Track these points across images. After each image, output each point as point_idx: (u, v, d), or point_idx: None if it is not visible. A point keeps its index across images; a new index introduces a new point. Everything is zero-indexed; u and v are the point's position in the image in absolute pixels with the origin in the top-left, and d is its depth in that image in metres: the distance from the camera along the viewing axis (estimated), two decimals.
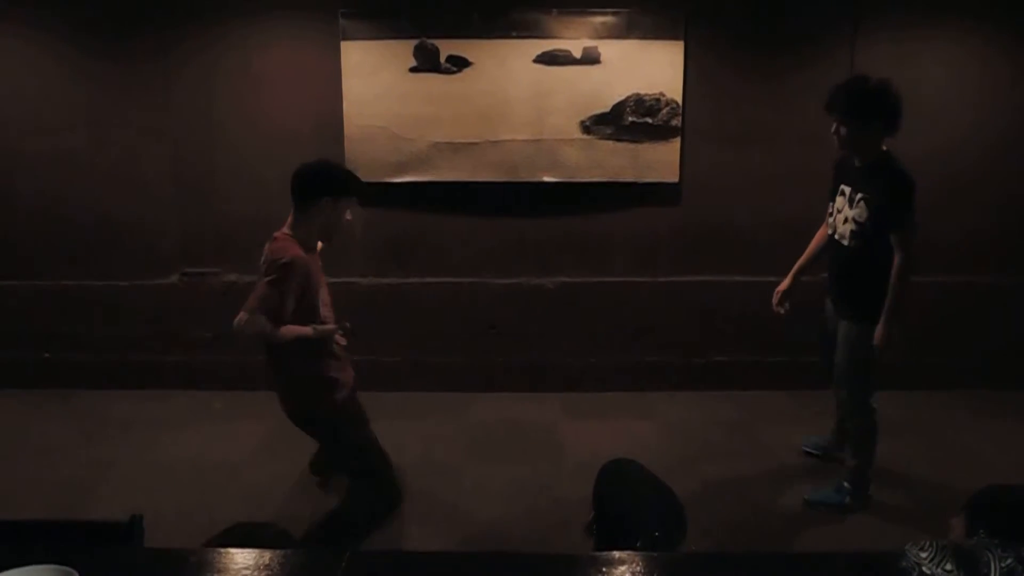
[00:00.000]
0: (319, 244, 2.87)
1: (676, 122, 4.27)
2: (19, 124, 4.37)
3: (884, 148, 3.05)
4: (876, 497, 3.35)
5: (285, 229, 2.75)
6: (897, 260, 2.94)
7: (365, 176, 4.32)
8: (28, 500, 3.30)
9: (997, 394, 4.40)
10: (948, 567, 1.36)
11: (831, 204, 3.24)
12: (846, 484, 3.30)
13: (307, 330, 2.71)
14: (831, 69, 4.25)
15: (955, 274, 4.46)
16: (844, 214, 3.11)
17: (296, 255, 2.64)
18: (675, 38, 4.18)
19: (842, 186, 3.15)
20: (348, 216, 2.79)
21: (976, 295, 4.49)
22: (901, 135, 4.18)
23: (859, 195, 3.01)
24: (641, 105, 4.25)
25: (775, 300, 3.45)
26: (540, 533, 3.11)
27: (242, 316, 2.57)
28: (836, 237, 3.16)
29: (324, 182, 2.73)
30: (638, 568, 1.44)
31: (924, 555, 1.39)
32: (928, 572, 1.37)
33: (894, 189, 2.94)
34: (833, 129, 3.01)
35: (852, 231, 3.04)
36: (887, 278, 2.97)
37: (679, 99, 4.25)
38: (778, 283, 3.56)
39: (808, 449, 3.74)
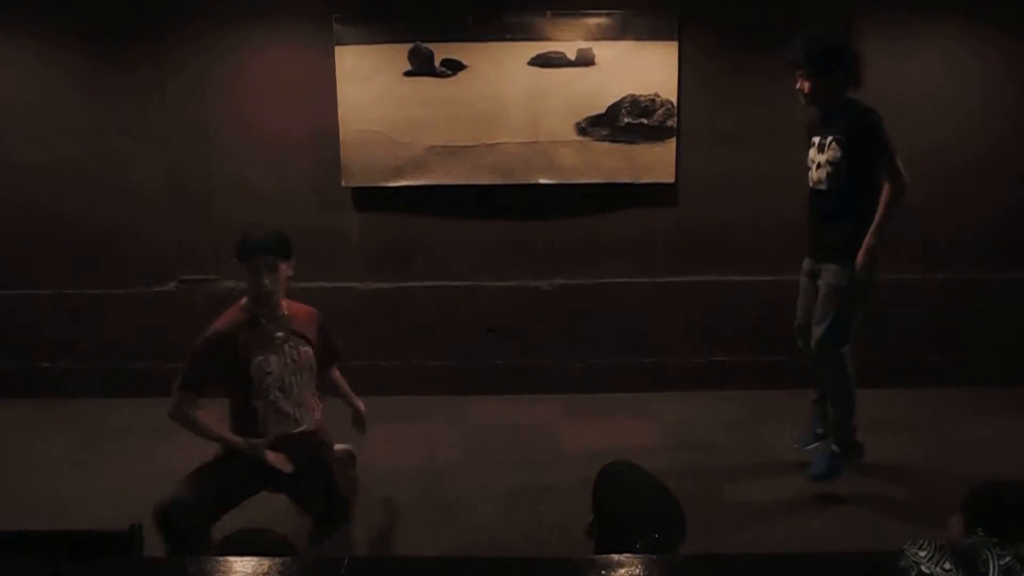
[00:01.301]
0: (280, 309, 2.83)
1: (672, 123, 4.28)
2: (15, 132, 4.37)
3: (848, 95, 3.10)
4: (875, 495, 3.35)
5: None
6: (888, 186, 2.99)
7: (362, 181, 4.36)
8: (26, 511, 3.28)
9: (997, 391, 4.39)
10: (946, 566, 1.36)
11: (807, 161, 3.28)
12: (834, 447, 3.31)
13: (238, 441, 2.74)
14: None
15: (955, 271, 4.47)
16: (817, 161, 3.17)
17: (215, 329, 2.75)
18: (669, 39, 4.19)
19: (812, 138, 3.21)
20: (265, 280, 2.71)
21: (976, 291, 4.50)
22: (899, 130, 4.19)
23: (829, 138, 3.09)
24: (636, 106, 4.26)
25: None
26: (540, 536, 3.10)
27: (170, 403, 2.74)
28: (813, 187, 3.21)
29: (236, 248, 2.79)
30: (638, 570, 1.44)
31: (923, 554, 1.39)
32: (927, 571, 1.37)
33: (865, 122, 3.02)
34: (797, 85, 3.09)
35: (828, 173, 3.10)
36: (868, 214, 3.04)
37: (674, 100, 4.25)
38: (775, 282, 3.58)
39: (805, 447, 3.72)
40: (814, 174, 3.20)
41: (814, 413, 3.61)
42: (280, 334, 2.79)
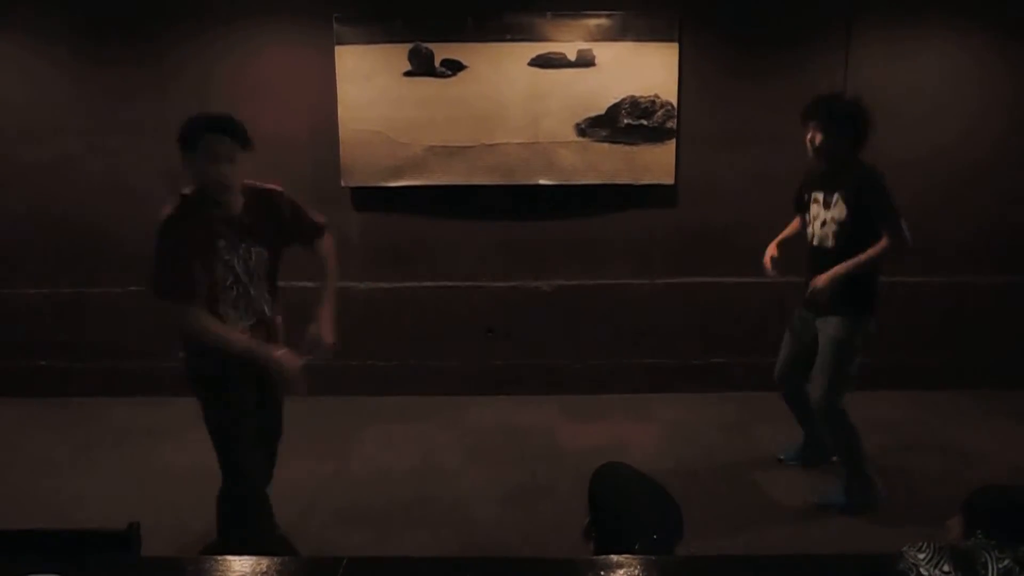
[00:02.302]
0: (235, 207, 2.50)
1: (671, 124, 4.28)
2: (14, 130, 4.37)
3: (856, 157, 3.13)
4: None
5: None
6: (883, 242, 3.00)
7: (361, 181, 4.35)
8: (24, 509, 3.28)
9: (996, 394, 4.40)
10: (945, 568, 1.36)
11: (805, 215, 3.30)
12: (849, 476, 3.30)
13: (241, 340, 2.41)
14: (825, 70, 4.27)
15: (954, 274, 4.48)
16: (822, 218, 3.18)
17: (168, 217, 2.40)
18: (670, 40, 4.19)
19: (814, 194, 3.23)
20: (225, 169, 2.41)
21: (974, 295, 4.50)
22: (896, 134, 4.20)
23: (835, 195, 3.11)
24: (636, 107, 4.26)
25: (767, 264, 3.44)
26: (539, 537, 3.10)
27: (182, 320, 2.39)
28: (817, 244, 3.20)
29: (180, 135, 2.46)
30: (637, 571, 1.44)
31: (922, 556, 1.39)
32: (926, 573, 1.37)
33: (872, 183, 3.04)
34: (808, 136, 3.12)
35: (835, 231, 3.11)
36: (873, 270, 3.07)
37: (674, 101, 4.26)
38: (774, 283, 3.58)
39: (790, 461, 3.70)
40: (817, 231, 3.20)
41: (806, 443, 3.64)
42: (223, 242, 2.43)
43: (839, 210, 3.09)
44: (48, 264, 4.50)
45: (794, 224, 3.51)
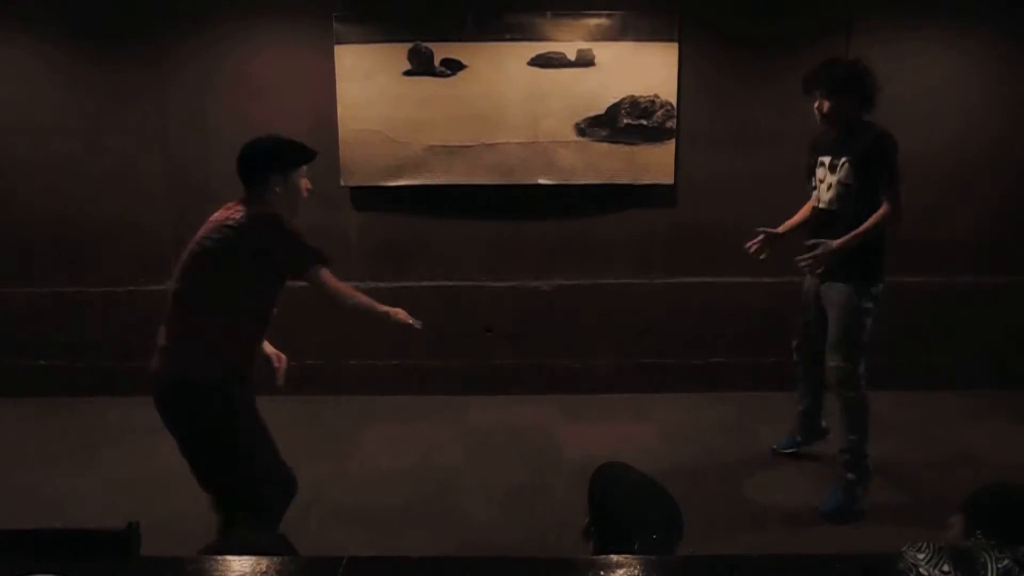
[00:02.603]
0: None
1: (671, 124, 4.28)
2: (14, 129, 4.37)
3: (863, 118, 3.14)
4: (873, 497, 3.35)
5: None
6: (884, 209, 3.03)
7: (360, 180, 4.35)
8: (23, 509, 3.28)
9: (997, 394, 4.41)
10: (945, 568, 1.36)
11: (812, 179, 3.31)
12: (849, 475, 3.22)
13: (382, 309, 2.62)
14: None
15: (955, 274, 4.48)
16: (828, 182, 3.18)
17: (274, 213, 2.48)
18: (670, 40, 4.19)
19: (820, 158, 3.23)
20: (307, 185, 2.60)
21: (974, 294, 4.50)
22: (897, 134, 4.18)
23: (842, 159, 3.12)
24: (636, 107, 4.26)
25: (757, 238, 3.38)
26: (538, 537, 3.10)
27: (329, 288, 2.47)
28: (822, 207, 3.22)
29: (270, 159, 2.52)
30: (636, 571, 1.43)
31: (921, 556, 1.39)
32: (925, 573, 1.37)
33: (880, 145, 3.05)
34: (816, 105, 3.14)
35: (839, 194, 3.13)
36: (876, 237, 3.08)
37: (674, 101, 4.26)
38: (773, 284, 3.57)
39: (783, 450, 3.71)
40: (823, 194, 3.20)
41: (800, 422, 3.65)
42: None
43: (845, 173, 3.10)
44: (46, 262, 4.50)
45: (800, 213, 3.48)
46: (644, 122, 4.28)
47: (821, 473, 3.57)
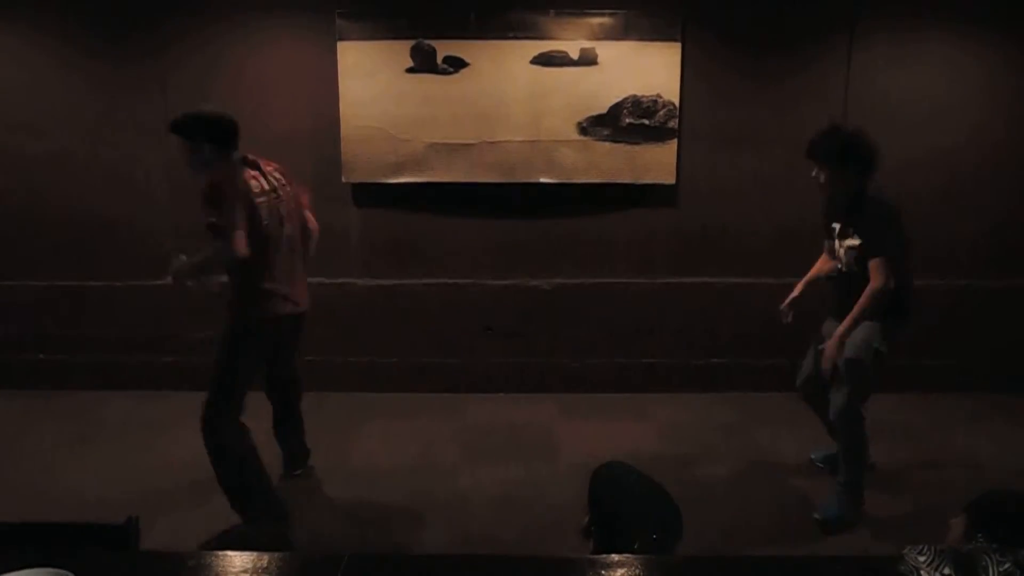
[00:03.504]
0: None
1: (673, 124, 4.27)
2: (14, 122, 4.36)
3: (867, 183, 3.14)
4: (874, 500, 3.35)
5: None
6: (872, 284, 3.02)
7: (362, 177, 4.35)
8: (22, 502, 3.28)
9: (998, 397, 4.41)
10: (946, 571, 1.36)
11: (829, 242, 3.34)
12: (843, 484, 3.26)
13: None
14: (828, 72, 4.28)
15: (956, 277, 4.48)
16: (844, 245, 3.21)
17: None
18: (672, 40, 4.18)
19: (833, 224, 3.28)
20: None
21: (976, 298, 4.50)
22: (898, 137, 4.20)
23: (849, 227, 3.16)
24: (638, 107, 4.26)
25: (785, 306, 3.45)
26: (536, 535, 3.10)
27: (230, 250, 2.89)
28: (843, 269, 3.23)
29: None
30: (636, 571, 1.43)
31: (922, 559, 1.39)
32: None
33: (871, 217, 3.08)
34: (814, 173, 3.15)
35: (854, 256, 3.15)
36: (896, 292, 3.06)
37: (676, 101, 4.25)
38: (774, 285, 3.58)
39: (820, 464, 3.67)
40: (842, 257, 3.22)
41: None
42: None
43: (853, 240, 3.14)
44: (46, 256, 4.49)
45: (815, 268, 3.50)
46: (646, 122, 4.28)
47: (820, 475, 3.57)
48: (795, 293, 3.45)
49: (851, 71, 4.27)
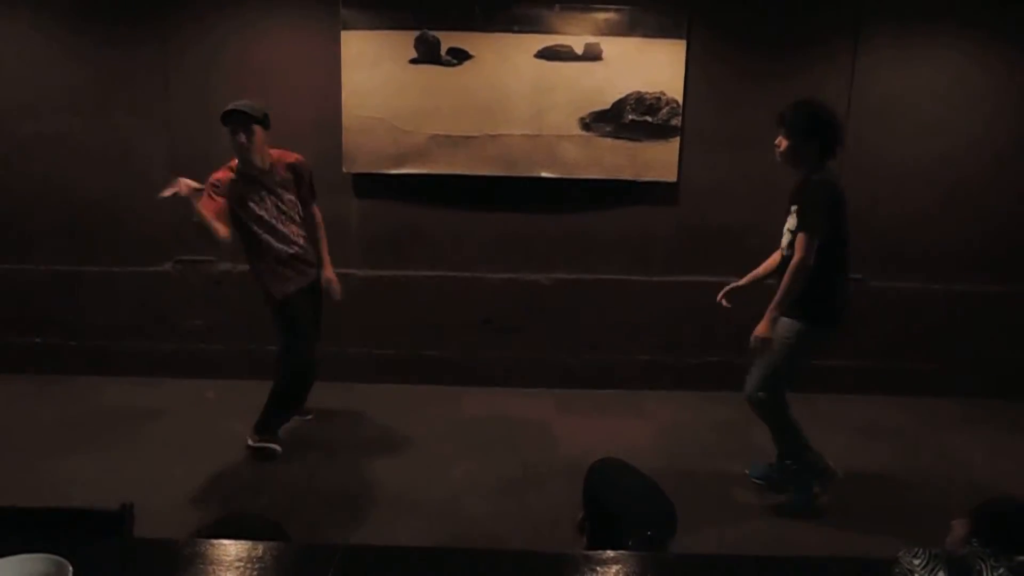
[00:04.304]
0: (263, 165, 3.50)
1: (676, 122, 4.27)
2: (16, 106, 4.34)
3: (823, 166, 3.14)
4: (868, 502, 3.37)
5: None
6: (794, 259, 3.05)
7: (363, 168, 4.34)
8: (16, 486, 3.27)
9: (989, 402, 4.43)
10: (940, 575, 1.36)
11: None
12: (799, 473, 3.35)
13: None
14: (833, 74, 4.27)
15: (953, 281, 4.49)
16: (786, 227, 3.24)
17: (215, 177, 3.44)
18: (678, 37, 4.17)
19: (791, 206, 3.27)
20: (241, 139, 3.39)
21: (972, 303, 4.51)
22: (900, 141, 4.19)
23: (793, 207, 3.17)
24: (641, 104, 4.25)
25: (722, 296, 3.54)
26: (530, 529, 3.10)
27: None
28: (783, 253, 3.26)
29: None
30: (631, 568, 1.43)
31: (917, 562, 1.39)
32: None
33: (809, 193, 3.08)
34: (776, 141, 3.15)
35: (789, 240, 3.17)
36: (819, 279, 3.07)
37: (679, 99, 4.24)
38: (773, 285, 3.57)
39: (755, 479, 3.61)
40: (784, 241, 3.26)
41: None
42: (263, 191, 3.46)
43: (792, 221, 3.15)
44: (46, 240, 4.48)
45: (765, 264, 3.52)
46: (649, 119, 4.27)
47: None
48: (739, 282, 3.49)
49: (856, 73, 4.26)
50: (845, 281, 3.21)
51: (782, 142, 3.12)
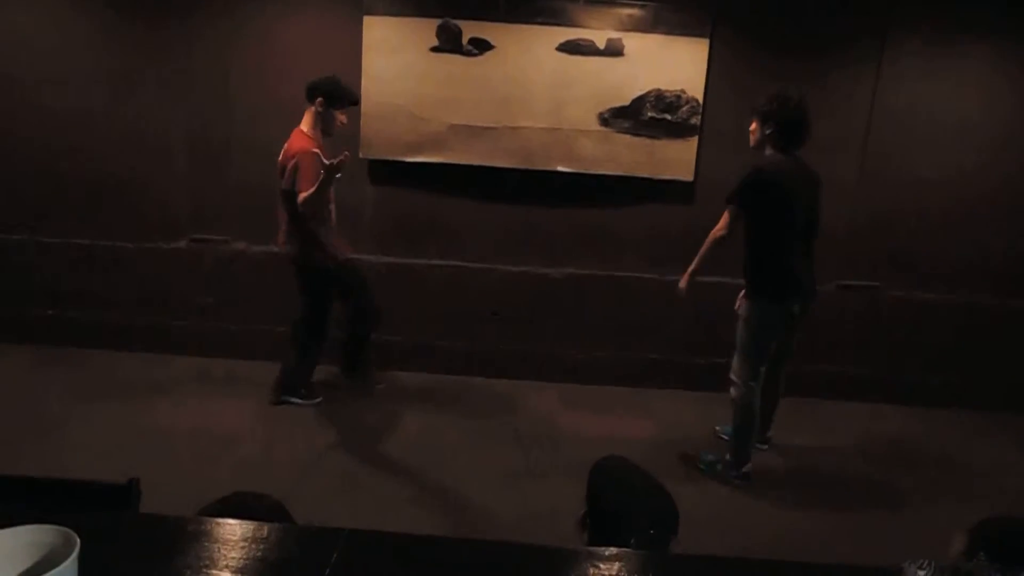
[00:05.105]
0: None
1: (695, 121, 4.24)
2: (38, 77, 4.35)
3: (785, 154, 3.32)
4: (874, 513, 3.36)
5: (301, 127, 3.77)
6: (717, 228, 3.43)
7: (380, 154, 4.34)
8: (24, 456, 3.30)
9: (999, 415, 4.40)
10: None
11: None
12: (728, 456, 3.58)
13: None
14: (855, 80, 4.23)
15: (967, 293, 4.46)
16: None
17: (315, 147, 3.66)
18: (701, 36, 4.15)
19: None
20: (342, 119, 3.72)
21: (984, 315, 4.47)
22: (922, 152, 4.15)
23: None
24: (661, 101, 4.22)
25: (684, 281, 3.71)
26: (531, 522, 3.11)
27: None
28: None
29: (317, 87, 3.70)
30: (632, 566, 1.43)
31: (922, 574, 1.38)
32: None
33: (744, 174, 3.34)
34: (751, 126, 3.37)
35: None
36: (763, 259, 3.40)
37: (700, 98, 4.22)
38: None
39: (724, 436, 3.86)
40: None
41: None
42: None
43: None
44: (63, 213, 4.50)
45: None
46: (668, 117, 4.25)
47: (820, 475, 3.57)
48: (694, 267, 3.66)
49: (880, 81, 4.22)
50: (798, 263, 3.40)
51: (751, 124, 3.34)
